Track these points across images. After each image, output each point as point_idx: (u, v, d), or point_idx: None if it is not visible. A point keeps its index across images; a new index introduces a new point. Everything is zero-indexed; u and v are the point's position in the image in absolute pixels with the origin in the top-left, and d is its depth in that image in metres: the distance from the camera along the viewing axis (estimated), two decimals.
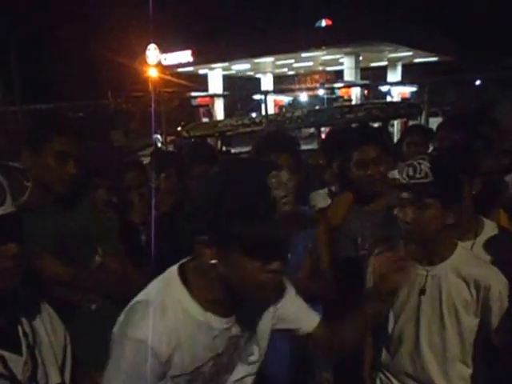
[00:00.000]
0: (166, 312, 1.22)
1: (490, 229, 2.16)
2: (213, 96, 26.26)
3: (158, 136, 12.03)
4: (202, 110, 27.30)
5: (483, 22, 29.48)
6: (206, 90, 28.76)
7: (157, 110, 8.90)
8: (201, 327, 1.26)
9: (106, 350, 1.25)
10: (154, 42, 25.17)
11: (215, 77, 29.69)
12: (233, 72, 31.55)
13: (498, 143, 3.17)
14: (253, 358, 1.42)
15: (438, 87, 13.46)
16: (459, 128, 3.01)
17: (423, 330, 1.85)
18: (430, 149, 3.39)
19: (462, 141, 2.76)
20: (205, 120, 24.24)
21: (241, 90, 29.96)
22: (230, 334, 1.32)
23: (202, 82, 29.30)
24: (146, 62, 24.14)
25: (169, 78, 23.59)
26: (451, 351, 1.84)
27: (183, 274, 1.29)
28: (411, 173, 1.73)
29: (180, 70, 28.17)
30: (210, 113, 26.62)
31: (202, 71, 30.25)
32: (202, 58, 27.05)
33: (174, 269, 1.31)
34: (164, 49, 26.32)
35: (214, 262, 1.20)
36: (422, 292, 1.82)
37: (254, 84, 32.25)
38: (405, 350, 1.90)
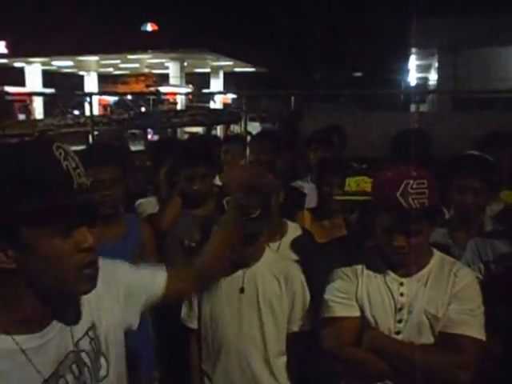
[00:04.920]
0: None
1: (293, 230, 2.54)
2: (34, 94, 24.08)
3: None
4: (17, 105, 25.09)
5: (298, 39, 32.29)
6: (23, 84, 26.66)
7: None
8: (5, 356, 1.01)
9: None
10: None
11: (33, 71, 27.67)
12: (53, 68, 29.75)
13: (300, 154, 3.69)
14: (102, 373, 1.18)
15: (254, 95, 14.43)
16: (266, 142, 3.44)
17: (245, 326, 2.05)
18: None
19: (268, 157, 3.16)
20: (21, 117, 22.40)
21: (62, 87, 28.33)
22: (59, 352, 1.09)
23: (18, 76, 27.10)
24: None
25: None
26: (271, 344, 2.07)
27: None
28: None
29: None
30: (27, 109, 24.64)
31: (18, 64, 27.97)
32: (18, 50, 25.01)
33: None
34: None
35: (11, 266, 0.98)
36: (242, 290, 2.06)
37: (77, 80, 30.75)
38: (229, 349, 2.06)
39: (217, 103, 22.72)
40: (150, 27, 27.24)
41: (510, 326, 1.77)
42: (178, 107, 19.44)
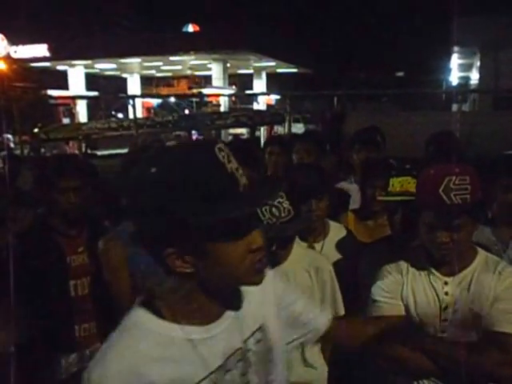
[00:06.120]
0: (120, 344, 1.05)
1: (337, 231, 2.60)
2: (77, 97, 24.67)
3: (9, 136, 11.26)
4: (61, 109, 25.73)
5: (341, 40, 32.19)
6: (66, 87, 27.40)
7: (7, 106, 7.93)
8: (174, 343, 1.07)
9: None
10: (1, 32, 23.44)
11: (76, 74, 28.35)
12: (96, 70, 30.48)
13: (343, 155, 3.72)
14: (272, 378, 1.21)
15: (298, 96, 14.50)
16: (311, 143, 3.49)
17: None
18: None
19: (313, 158, 3.21)
20: (65, 120, 23.02)
21: (105, 89, 28.97)
22: (227, 346, 1.13)
23: (60, 79, 27.82)
24: None
25: (20, 71, 21.55)
26: None
27: (145, 305, 1.11)
28: (277, 213, 1.99)
29: (34, 64, 26.34)
30: (71, 112, 25.29)
31: (61, 67, 28.74)
32: (61, 53, 25.66)
33: (133, 306, 1.12)
34: (14, 40, 24.63)
35: (190, 271, 1.04)
36: None
37: (119, 83, 31.42)
38: None
39: (260, 104, 22.82)
40: (191, 28, 27.62)
41: None
42: (222, 109, 19.65)
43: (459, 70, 23.25)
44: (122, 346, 1.05)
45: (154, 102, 29.94)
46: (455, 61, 21.80)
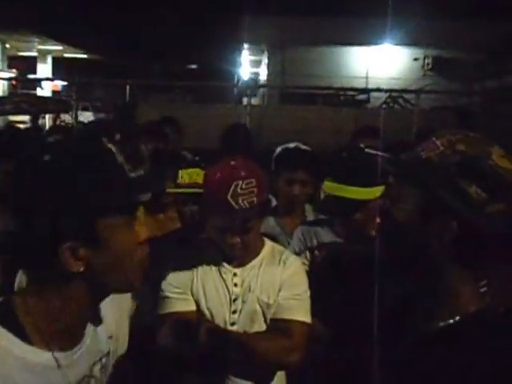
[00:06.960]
0: None
1: None
2: None
3: None
4: None
5: (134, 28, 31.63)
6: None
7: None
8: (43, 370, 0.98)
9: None
10: None
11: None
12: None
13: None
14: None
15: (88, 84, 13.89)
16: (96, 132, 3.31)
17: None
18: None
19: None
20: None
21: None
22: (79, 373, 1.06)
23: None
24: None
25: None
26: None
27: (3, 322, 0.98)
28: None
29: None
30: None
31: None
32: None
33: None
34: None
35: (79, 269, 0.97)
36: None
37: None
38: None
39: (46, 90, 21.16)
40: None
41: (336, 310, 1.89)
42: None
43: (250, 65, 24.86)
44: None
45: None
46: (246, 57, 23.21)
